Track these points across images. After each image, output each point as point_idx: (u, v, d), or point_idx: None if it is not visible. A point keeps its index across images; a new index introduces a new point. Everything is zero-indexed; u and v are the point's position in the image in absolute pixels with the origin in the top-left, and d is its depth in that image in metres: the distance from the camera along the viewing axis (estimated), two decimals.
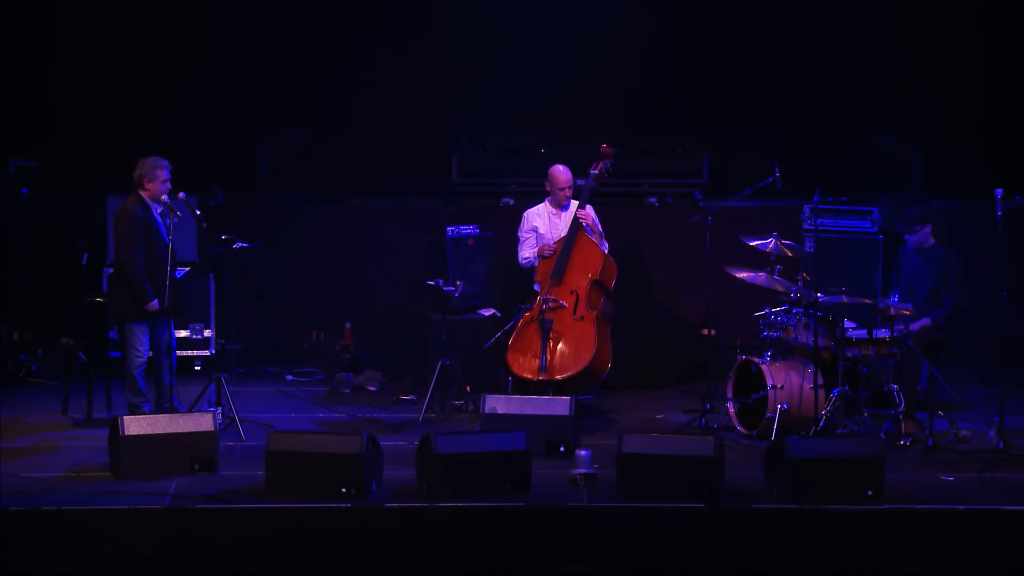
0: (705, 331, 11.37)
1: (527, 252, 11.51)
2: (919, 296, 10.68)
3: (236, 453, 9.91)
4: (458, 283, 11.20)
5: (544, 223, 11.53)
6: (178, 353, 10.93)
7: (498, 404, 10.08)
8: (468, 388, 11.13)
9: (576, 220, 11.25)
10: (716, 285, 11.15)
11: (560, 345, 10.93)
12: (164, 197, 10.52)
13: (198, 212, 10.59)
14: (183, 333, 12.31)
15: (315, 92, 13.78)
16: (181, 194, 10.59)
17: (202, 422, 9.46)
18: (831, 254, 11.93)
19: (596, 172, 11.40)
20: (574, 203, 11.43)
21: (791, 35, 13.79)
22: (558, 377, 10.80)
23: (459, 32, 13.69)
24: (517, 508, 8.74)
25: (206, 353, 12.57)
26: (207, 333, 12.60)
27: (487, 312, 11.81)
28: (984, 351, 12.02)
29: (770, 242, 10.66)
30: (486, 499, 8.81)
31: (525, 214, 11.66)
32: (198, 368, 12.56)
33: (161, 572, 8.40)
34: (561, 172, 11.55)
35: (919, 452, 9.98)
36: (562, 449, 9.86)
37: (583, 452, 9.31)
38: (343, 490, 8.80)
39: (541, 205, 11.65)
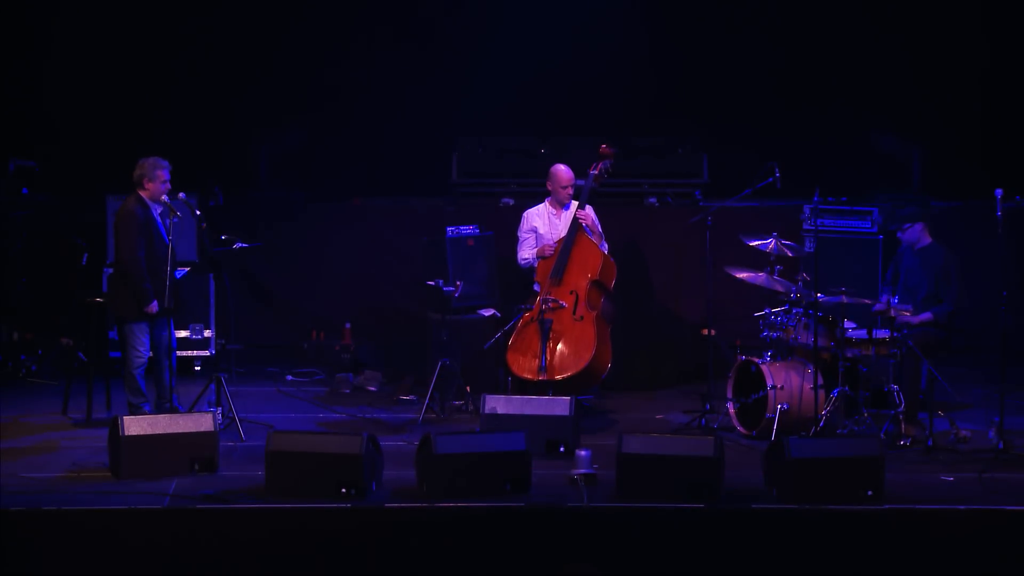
0: (705, 331, 11.36)
1: (526, 252, 11.50)
2: (918, 296, 10.66)
3: (236, 453, 9.91)
4: (458, 283, 11.20)
5: (544, 223, 11.53)
6: (178, 353, 10.91)
7: (498, 404, 10.08)
8: (468, 388, 11.13)
9: (576, 220, 11.25)
10: (716, 285, 11.14)
11: (560, 345, 10.92)
12: (164, 197, 10.51)
13: (198, 212, 10.59)
14: (183, 333, 12.30)
15: (315, 92, 13.77)
16: (181, 194, 10.58)
17: (202, 422, 9.45)
18: (831, 254, 11.94)
19: (596, 172, 11.40)
20: (574, 203, 11.43)
21: (791, 35, 13.79)
22: (558, 377, 10.80)
23: (459, 32, 13.69)
24: (517, 508, 8.74)
25: (206, 353, 12.56)
26: (207, 333, 12.59)
27: (487, 312, 11.80)
28: (984, 351, 12.02)
29: (770, 242, 10.66)
30: (486, 499, 8.81)
31: (525, 214, 11.66)
32: (198, 368, 12.55)
33: (161, 572, 8.39)
34: (563, 171, 11.55)
35: (919, 452, 9.97)
36: (562, 449, 9.85)
37: (583, 452, 9.30)
38: (343, 490, 8.79)
39: (541, 205, 11.65)
